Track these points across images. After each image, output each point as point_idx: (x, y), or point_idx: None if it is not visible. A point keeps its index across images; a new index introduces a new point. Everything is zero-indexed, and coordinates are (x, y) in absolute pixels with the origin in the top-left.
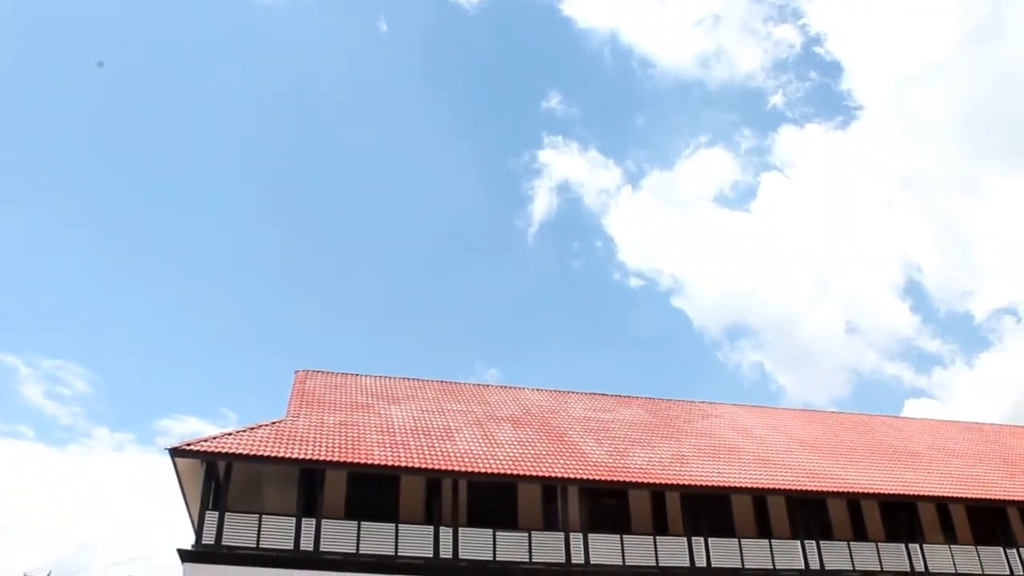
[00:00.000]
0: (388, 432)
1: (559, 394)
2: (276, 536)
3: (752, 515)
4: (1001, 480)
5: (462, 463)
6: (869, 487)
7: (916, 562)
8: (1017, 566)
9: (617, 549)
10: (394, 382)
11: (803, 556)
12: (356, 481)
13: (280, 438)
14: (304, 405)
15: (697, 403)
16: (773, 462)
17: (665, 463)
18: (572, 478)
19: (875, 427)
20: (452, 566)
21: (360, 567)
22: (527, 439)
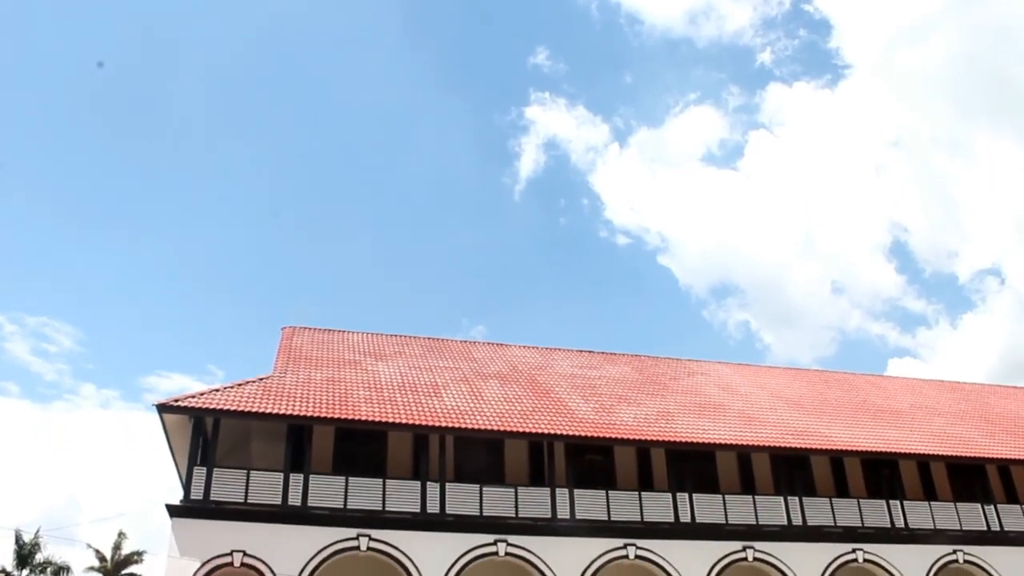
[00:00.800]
0: (375, 388)
1: (546, 351)
2: (264, 491)
3: (736, 471)
4: (981, 438)
5: (449, 419)
6: (852, 445)
7: (896, 518)
8: (994, 521)
9: (603, 504)
10: (381, 339)
11: (786, 512)
12: (343, 437)
13: (268, 394)
14: (291, 361)
15: (683, 360)
16: (757, 419)
17: (651, 420)
18: (558, 434)
19: (859, 386)
20: (439, 521)
21: (347, 522)
22: (514, 396)
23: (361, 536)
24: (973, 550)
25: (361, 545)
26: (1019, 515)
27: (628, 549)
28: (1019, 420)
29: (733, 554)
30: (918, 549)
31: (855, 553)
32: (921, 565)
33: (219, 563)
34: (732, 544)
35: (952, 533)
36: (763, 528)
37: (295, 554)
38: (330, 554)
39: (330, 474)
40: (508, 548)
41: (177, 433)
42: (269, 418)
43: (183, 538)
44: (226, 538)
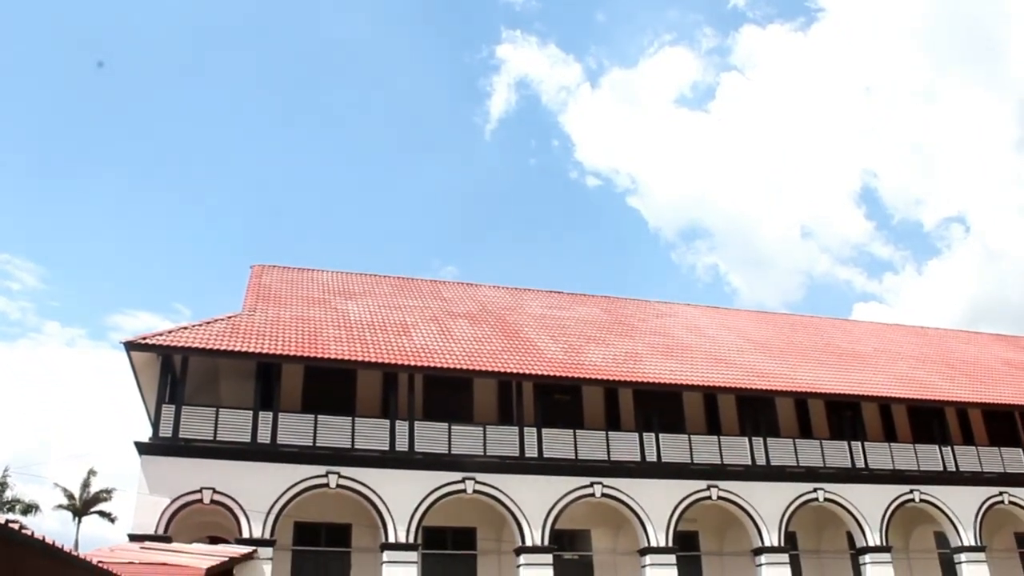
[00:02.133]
0: (345, 327)
1: (515, 291)
2: (233, 429)
3: (702, 412)
4: (941, 382)
5: (418, 358)
6: (816, 387)
7: (857, 459)
8: (950, 462)
9: (570, 444)
10: (351, 277)
11: (750, 452)
12: (313, 375)
13: (237, 332)
14: (260, 300)
15: (651, 302)
16: (724, 361)
17: (619, 360)
18: (527, 374)
19: (824, 329)
20: (408, 459)
21: (316, 459)
22: (483, 335)
23: (330, 473)
24: (929, 489)
25: (330, 482)
26: (974, 456)
27: (595, 487)
28: (979, 365)
29: (697, 493)
30: (877, 489)
31: (816, 492)
32: (879, 504)
33: (188, 500)
34: (697, 483)
35: (910, 473)
36: (727, 468)
37: (265, 491)
38: (299, 491)
39: (299, 412)
40: (476, 486)
41: (145, 371)
42: (238, 356)
43: (152, 476)
44: (195, 475)
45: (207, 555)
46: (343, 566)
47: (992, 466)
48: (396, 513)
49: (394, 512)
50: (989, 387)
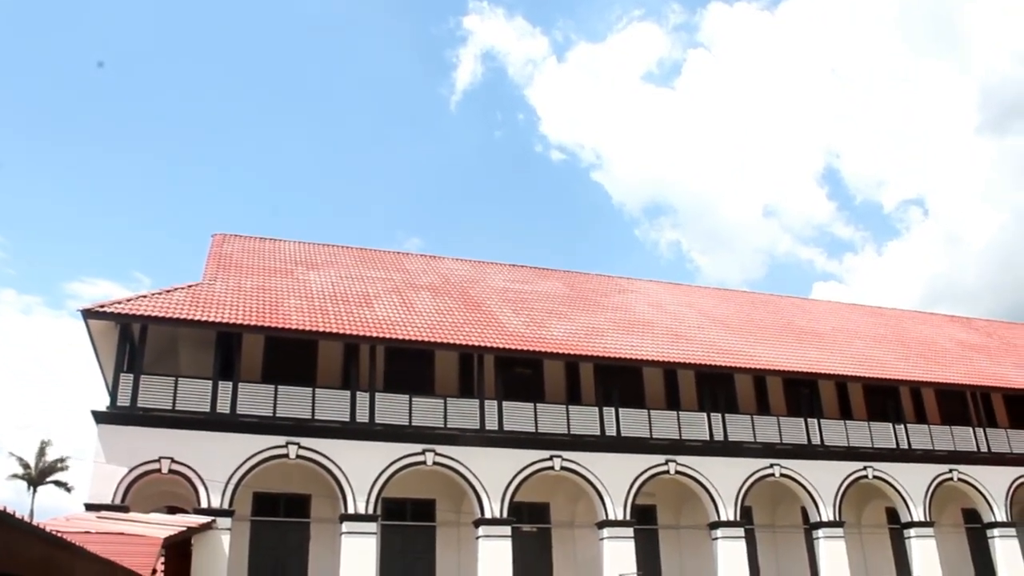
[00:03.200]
0: (306, 297)
1: (478, 264)
2: (192, 398)
3: (662, 387)
4: (896, 361)
5: (380, 329)
6: (774, 364)
7: (813, 435)
8: (903, 440)
9: (530, 417)
10: (313, 248)
11: (708, 428)
12: (273, 345)
13: (196, 301)
14: (221, 269)
15: (614, 278)
16: (684, 337)
17: (580, 335)
18: (488, 347)
19: (784, 308)
20: (368, 430)
21: (276, 430)
22: (445, 308)
23: (290, 444)
24: (882, 466)
25: (290, 453)
26: (926, 434)
27: (554, 460)
28: (933, 345)
29: (656, 467)
30: (831, 465)
31: (772, 468)
32: (833, 480)
33: (146, 469)
34: (655, 457)
35: (864, 450)
36: (686, 443)
37: (224, 461)
38: (259, 461)
39: (259, 382)
40: (436, 458)
41: (103, 340)
42: (198, 325)
43: (109, 445)
44: (153, 445)
45: (165, 525)
46: (302, 537)
47: (943, 444)
48: (356, 484)
49: (354, 483)
50: (942, 367)
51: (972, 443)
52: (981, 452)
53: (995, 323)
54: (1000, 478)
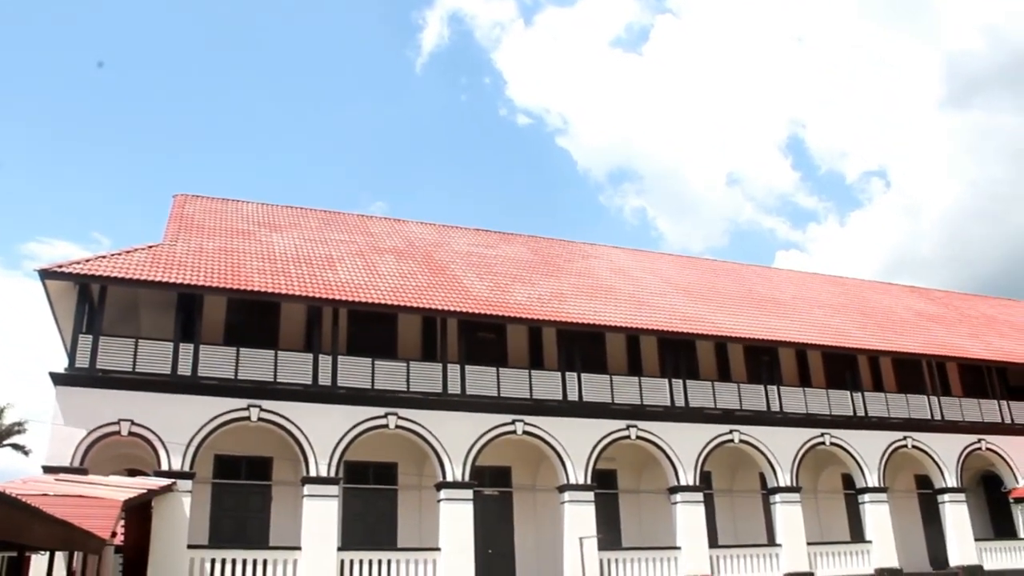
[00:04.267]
0: (269, 259)
1: (443, 228)
2: (153, 360)
3: (624, 353)
4: (855, 330)
5: (343, 292)
6: (735, 331)
7: (772, 402)
8: (860, 407)
9: (493, 381)
10: (276, 209)
11: (670, 394)
12: (235, 307)
13: (157, 262)
14: (183, 230)
15: (578, 243)
16: (647, 304)
17: (544, 300)
18: (452, 311)
19: (746, 276)
20: (330, 393)
21: (238, 392)
22: (409, 271)
23: (252, 407)
24: (839, 433)
25: (252, 416)
26: (882, 402)
27: (516, 425)
28: (891, 314)
29: (617, 432)
30: (790, 431)
31: (732, 434)
32: (792, 446)
33: (106, 432)
34: (617, 422)
35: (821, 417)
36: (647, 408)
37: (184, 423)
38: (220, 424)
39: (221, 344)
40: (398, 421)
41: (61, 301)
42: (158, 286)
43: (68, 407)
44: (113, 407)
45: (124, 487)
46: (264, 499)
47: (898, 412)
48: (318, 447)
49: (316, 446)
50: (900, 336)
51: (926, 411)
52: (935, 420)
53: (952, 294)
54: (952, 445)
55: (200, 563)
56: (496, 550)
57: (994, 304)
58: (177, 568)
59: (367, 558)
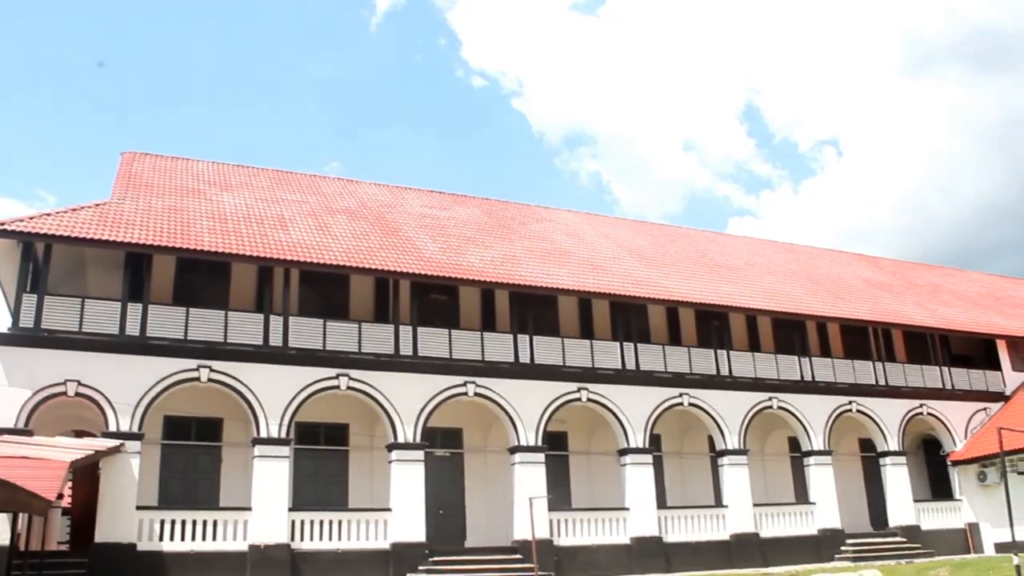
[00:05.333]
0: (219, 219)
1: (396, 189)
2: (100, 320)
3: (576, 316)
4: (805, 297)
5: (295, 252)
6: (687, 296)
7: (722, 366)
8: (807, 372)
9: (445, 343)
10: (227, 168)
11: (621, 357)
12: (185, 267)
13: (104, 220)
14: (131, 188)
15: (532, 206)
16: (600, 267)
17: (497, 262)
18: (404, 272)
19: (699, 241)
20: (281, 354)
21: (188, 353)
22: (362, 232)
23: (202, 367)
24: (786, 397)
25: (202, 376)
26: (829, 367)
27: (468, 387)
28: (840, 282)
29: (568, 394)
30: (739, 395)
31: (682, 397)
32: (740, 409)
33: (51, 392)
34: (568, 385)
35: (770, 381)
36: (598, 371)
37: (133, 384)
38: (169, 384)
39: (170, 304)
40: (350, 382)
41: (4, 260)
42: (106, 245)
43: (11, 367)
44: (59, 367)
45: (71, 448)
46: (214, 461)
47: (844, 377)
48: (268, 408)
49: (266, 407)
50: (848, 303)
51: (871, 376)
52: (879, 385)
53: (900, 262)
54: (895, 410)
55: (149, 524)
56: (447, 511)
57: (940, 273)
58: (126, 529)
59: (318, 518)
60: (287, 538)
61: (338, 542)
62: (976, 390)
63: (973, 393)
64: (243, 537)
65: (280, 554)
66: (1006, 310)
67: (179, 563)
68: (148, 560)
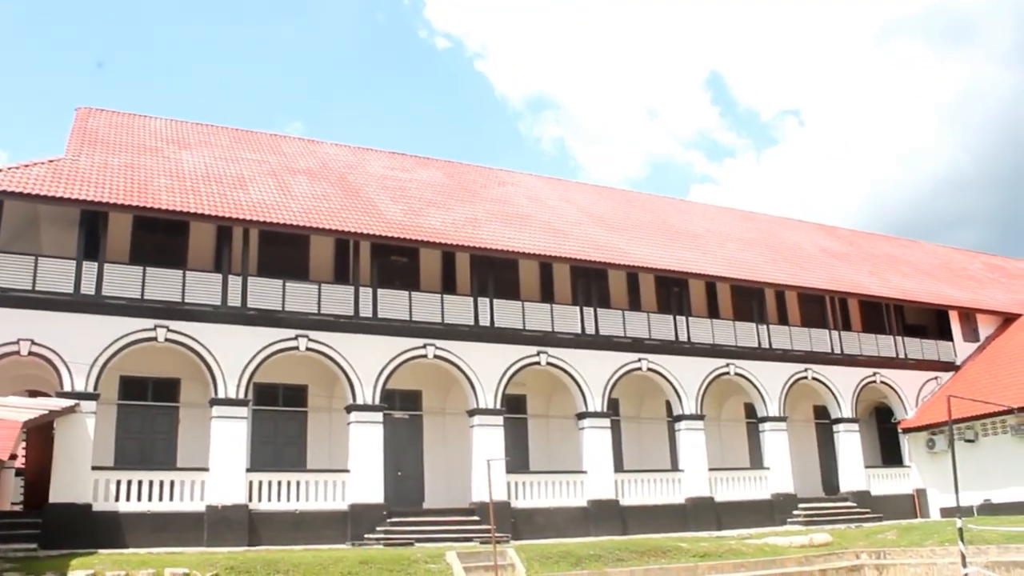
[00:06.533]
0: (178, 177)
1: (358, 150)
2: (54, 279)
3: (537, 280)
4: (764, 264)
5: (254, 212)
6: (647, 262)
7: (681, 332)
8: (765, 339)
9: (405, 305)
10: (185, 126)
11: (581, 321)
12: (142, 226)
13: (59, 177)
14: (86, 144)
15: (494, 169)
16: (562, 232)
17: (458, 225)
18: (365, 234)
19: (661, 208)
20: (240, 314)
21: (144, 312)
22: (322, 193)
23: (159, 327)
24: (743, 364)
25: (159, 336)
26: (786, 335)
27: (428, 349)
28: (799, 251)
29: (528, 357)
30: (697, 361)
31: (640, 362)
32: (697, 375)
33: (4, 352)
34: (527, 348)
35: (728, 348)
36: (558, 335)
37: (88, 344)
38: (126, 344)
39: (127, 263)
40: (309, 343)
41: None
42: (60, 202)
43: None
44: (11, 326)
45: (24, 408)
46: (171, 421)
47: (801, 344)
48: (227, 369)
49: (224, 367)
50: (806, 272)
51: (827, 345)
52: (835, 354)
53: (857, 233)
54: (849, 378)
55: (105, 484)
56: (405, 472)
57: (896, 244)
58: (80, 490)
59: (276, 479)
60: (245, 499)
61: (296, 503)
62: (928, 360)
63: (925, 363)
64: (200, 498)
65: (238, 515)
66: (959, 282)
67: (135, 523)
68: (103, 520)
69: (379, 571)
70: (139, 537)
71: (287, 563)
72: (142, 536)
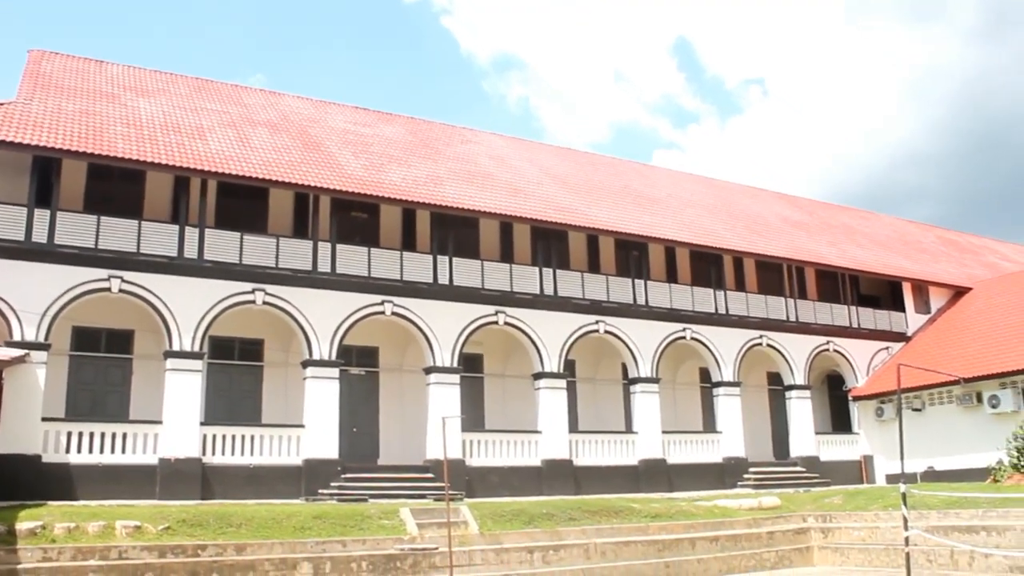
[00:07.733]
0: (135, 125)
1: (320, 104)
2: (4, 226)
3: (497, 240)
4: (723, 231)
5: (213, 163)
6: (607, 225)
7: (639, 296)
8: (722, 305)
9: (364, 261)
10: (144, 73)
11: (539, 282)
12: (97, 174)
13: (9, 121)
14: (39, 88)
15: (457, 127)
16: (523, 192)
17: (419, 182)
18: (325, 188)
19: (624, 171)
20: (196, 266)
21: (98, 262)
22: (283, 145)
23: (113, 277)
24: (700, 329)
25: (112, 287)
26: (743, 301)
27: (385, 305)
28: (758, 219)
29: (485, 317)
30: (654, 325)
31: (598, 324)
32: (654, 339)
33: None
34: (486, 308)
35: (685, 313)
36: (516, 295)
37: (39, 293)
38: (79, 294)
39: (80, 212)
40: (266, 297)
41: None
42: (10, 147)
43: None
44: None
45: None
46: (124, 373)
47: (757, 311)
48: (182, 321)
49: (179, 320)
50: (765, 240)
51: (783, 312)
52: (790, 321)
53: (816, 203)
54: (803, 346)
55: (55, 436)
56: (361, 428)
57: (854, 215)
58: (30, 441)
59: (230, 433)
60: (199, 452)
61: (250, 457)
62: (880, 330)
63: (877, 332)
64: (153, 450)
65: (191, 468)
66: (913, 254)
67: (86, 475)
68: (54, 472)
69: (332, 526)
70: (90, 489)
71: (240, 517)
72: (93, 488)
